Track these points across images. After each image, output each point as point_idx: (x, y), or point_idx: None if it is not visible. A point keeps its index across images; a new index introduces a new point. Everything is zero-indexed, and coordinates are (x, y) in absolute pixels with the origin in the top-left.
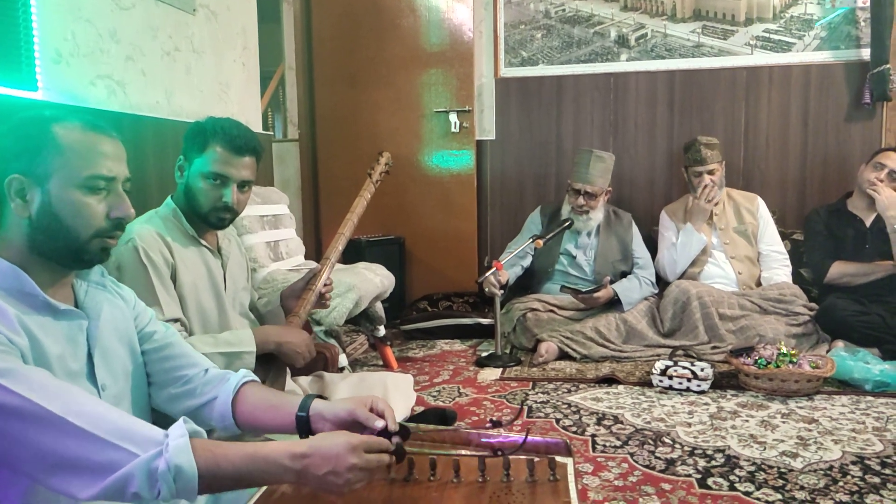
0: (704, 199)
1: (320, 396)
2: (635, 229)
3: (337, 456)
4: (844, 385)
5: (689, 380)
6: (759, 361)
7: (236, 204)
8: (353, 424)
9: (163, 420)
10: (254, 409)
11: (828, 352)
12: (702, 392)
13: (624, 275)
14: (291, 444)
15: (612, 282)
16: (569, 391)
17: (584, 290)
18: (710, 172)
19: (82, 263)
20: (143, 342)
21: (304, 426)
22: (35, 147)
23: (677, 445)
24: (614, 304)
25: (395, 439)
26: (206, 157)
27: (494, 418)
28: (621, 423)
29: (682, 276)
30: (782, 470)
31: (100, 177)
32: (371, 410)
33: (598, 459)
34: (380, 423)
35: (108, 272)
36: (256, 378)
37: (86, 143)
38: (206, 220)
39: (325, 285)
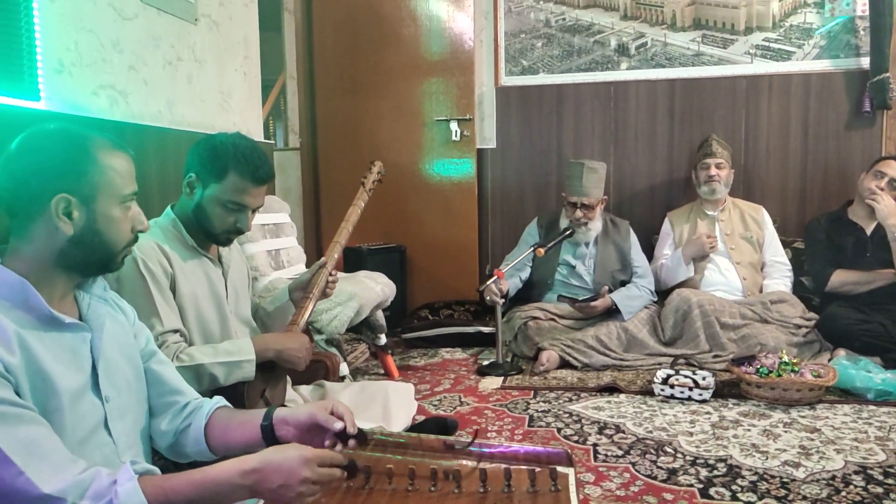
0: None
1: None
2: (633, 237)
3: (290, 470)
4: (846, 394)
5: (690, 389)
6: (760, 370)
7: (250, 229)
8: (314, 428)
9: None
10: (224, 430)
11: (829, 360)
12: (703, 401)
13: (623, 284)
14: (240, 460)
15: (610, 291)
16: (570, 400)
17: (581, 298)
18: (718, 167)
19: (106, 271)
20: (144, 360)
21: (269, 435)
22: (81, 168)
23: (679, 455)
24: (614, 312)
25: (352, 443)
26: (225, 184)
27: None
28: (623, 432)
29: (682, 284)
30: (784, 480)
31: (133, 194)
32: (332, 414)
33: (600, 469)
34: (339, 425)
35: (107, 283)
36: (228, 404)
37: (121, 162)
38: (216, 239)
39: (331, 274)
